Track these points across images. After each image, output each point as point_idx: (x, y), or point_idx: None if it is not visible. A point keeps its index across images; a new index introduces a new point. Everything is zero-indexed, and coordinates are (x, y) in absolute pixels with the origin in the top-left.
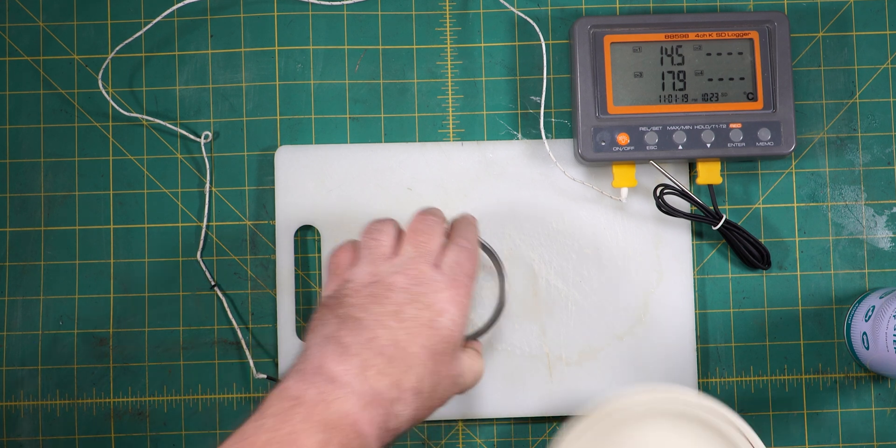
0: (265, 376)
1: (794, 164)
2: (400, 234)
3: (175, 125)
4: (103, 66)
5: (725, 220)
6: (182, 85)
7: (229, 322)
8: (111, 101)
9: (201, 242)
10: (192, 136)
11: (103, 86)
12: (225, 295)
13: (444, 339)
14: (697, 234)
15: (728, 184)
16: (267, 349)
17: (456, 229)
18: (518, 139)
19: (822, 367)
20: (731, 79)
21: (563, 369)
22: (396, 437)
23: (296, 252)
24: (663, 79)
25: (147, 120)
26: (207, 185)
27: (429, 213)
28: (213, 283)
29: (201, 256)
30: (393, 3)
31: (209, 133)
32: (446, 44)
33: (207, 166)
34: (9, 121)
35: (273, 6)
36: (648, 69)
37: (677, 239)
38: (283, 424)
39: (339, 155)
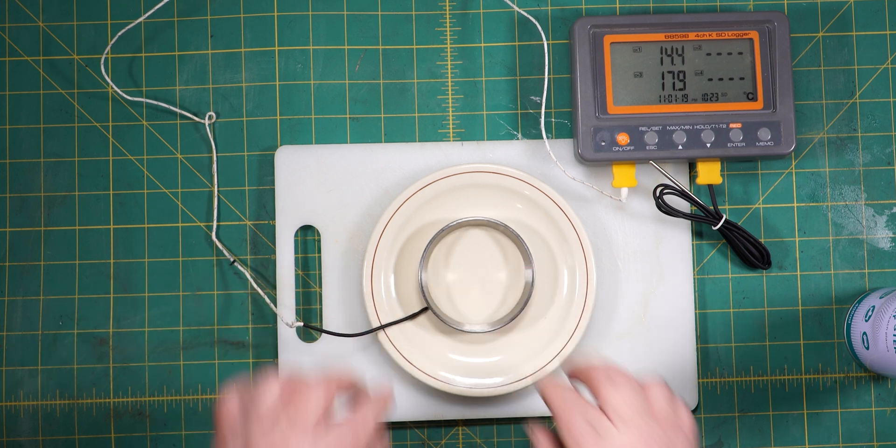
0: (301, 324)
1: (794, 164)
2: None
3: (175, 105)
4: (104, 55)
5: (725, 220)
6: (182, 85)
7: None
8: (113, 85)
9: (215, 210)
10: (194, 118)
11: (105, 60)
12: (244, 268)
13: None
14: (697, 234)
15: (728, 184)
16: (267, 349)
17: (359, 401)
18: (518, 139)
19: (822, 367)
20: (731, 79)
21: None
22: None
23: (296, 252)
24: (663, 79)
25: (148, 103)
26: (214, 165)
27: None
28: (232, 260)
29: (216, 235)
30: (393, 3)
31: (212, 114)
32: (446, 44)
33: (213, 147)
34: (9, 121)
35: (273, 6)
36: (648, 69)
37: (677, 239)
38: None
39: (339, 155)
